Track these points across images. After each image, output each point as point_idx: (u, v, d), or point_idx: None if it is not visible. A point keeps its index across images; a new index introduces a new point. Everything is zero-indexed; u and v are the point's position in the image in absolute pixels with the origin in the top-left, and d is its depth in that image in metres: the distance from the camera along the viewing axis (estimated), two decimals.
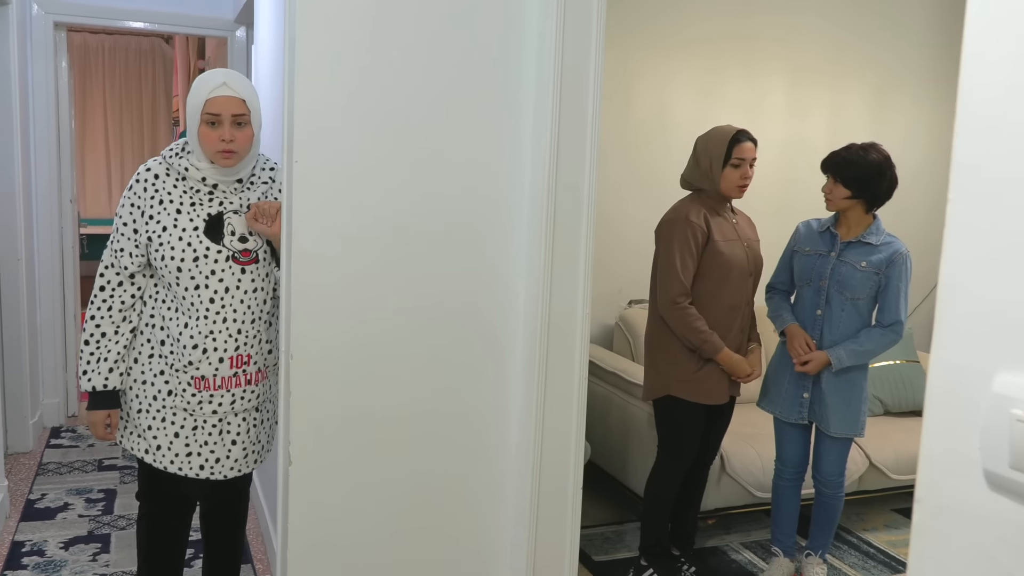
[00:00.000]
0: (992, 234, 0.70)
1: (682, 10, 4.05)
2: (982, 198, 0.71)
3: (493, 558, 2.27)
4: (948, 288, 0.73)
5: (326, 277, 2.00)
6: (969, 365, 0.72)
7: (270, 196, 2.25)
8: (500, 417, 2.22)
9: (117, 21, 4.49)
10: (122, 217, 2.16)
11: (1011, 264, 0.69)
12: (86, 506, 3.49)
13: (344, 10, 1.92)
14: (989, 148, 0.71)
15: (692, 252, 2.73)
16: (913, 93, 4.61)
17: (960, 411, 0.73)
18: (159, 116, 8.11)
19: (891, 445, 3.56)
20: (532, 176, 2.14)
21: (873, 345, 2.79)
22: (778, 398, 2.95)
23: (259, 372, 2.24)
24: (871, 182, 2.75)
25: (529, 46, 2.10)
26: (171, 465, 2.19)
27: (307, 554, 2.08)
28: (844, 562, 3.30)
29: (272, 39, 2.87)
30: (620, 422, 3.51)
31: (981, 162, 0.71)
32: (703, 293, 2.76)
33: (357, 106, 1.97)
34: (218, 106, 2.07)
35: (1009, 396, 0.68)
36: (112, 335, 2.16)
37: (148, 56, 8.00)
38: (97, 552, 3.08)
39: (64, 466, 3.93)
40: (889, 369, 3.87)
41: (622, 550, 3.30)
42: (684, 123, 4.10)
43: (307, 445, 2.05)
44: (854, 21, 4.39)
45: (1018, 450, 0.67)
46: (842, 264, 2.80)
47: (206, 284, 2.12)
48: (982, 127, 0.72)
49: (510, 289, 2.17)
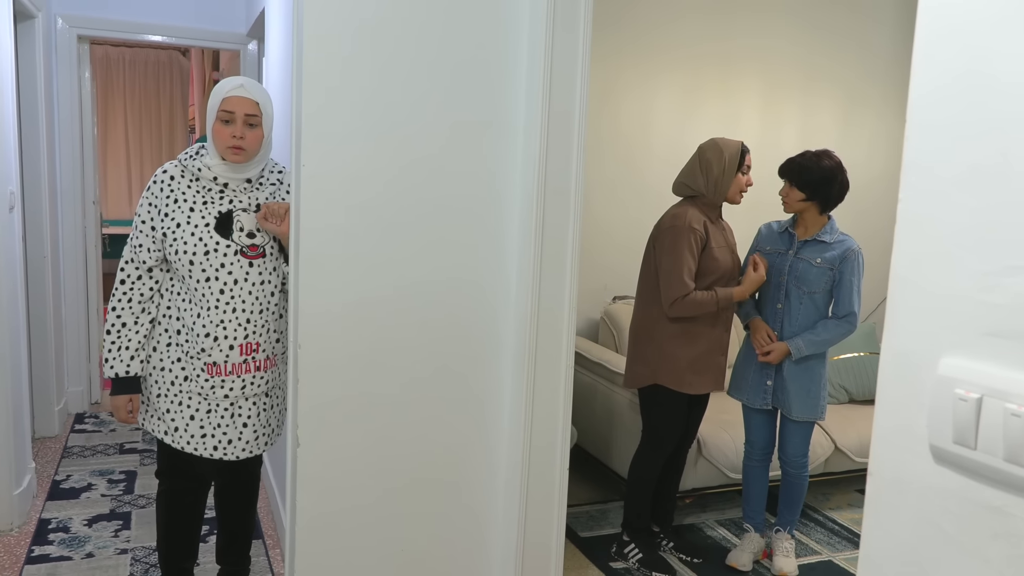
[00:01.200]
0: (937, 229, 0.71)
1: (666, 32, 4.07)
2: (929, 195, 0.72)
3: (487, 534, 2.28)
4: (898, 280, 0.75)
5: (331, 273, 2.01)
6: (917, 350, 0.73)
7: (278, 196, 2.25)
8: (493, 403, 2.23)
9: (137, 35, 4.48)
10: (140, 215, 2.16)
11: (954, 257, 0.70)
12: (108, 486, 3.48)
13: (348, 27, 1.93)
14: (935, 147, 0.72)
15: (694, 256, 2.75)
16: (876, 108, 4.64)
17: (909, 392, 0.74)
18: (176, 123, 8.09)
19: (855, 430, 3.58)
20: (523, 181, 2.15)
21: (829, 335, 2.83)
22: (744, 386, 2.99)
23: (268, 359, 2.25)
24: (823, 186, 2.79)
25: (520, 63, 2.11)
26: (187, 445, 2.20)
27: (313, 529, 2.09)
28: (811, 538, 3.32)
29: (281, 52, 2.88)
30: (604, 408, 3.52)
31: (928, 160, 0.73)
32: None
33: (361, 114, 1.97)
34: (233, 104, 2.09)
35: (953, 377, 0.69)
36: (132, 325, 2.17)
37: (166, 67, 7.98)
38: (119, 529, 3.08)
39: (88, 449, 3.92)
40: (854, 360, 3.89)
41: (606, 527, 3.32)
42: (666, 133, 4.13)
43: (313, 428, 2.06)
44: (822, 43, 4.41)
45: (960, 426, 0.68)
46: (799, 261, 2.85)
47: (216, 276, 2.12)
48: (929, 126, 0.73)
49: (502, 287, 2.18)
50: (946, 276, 0.70)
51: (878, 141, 4.68)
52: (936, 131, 0.73)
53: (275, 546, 3.00)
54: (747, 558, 3.05)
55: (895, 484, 0.75)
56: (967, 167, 0.69)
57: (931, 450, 0.72)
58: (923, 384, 0.72)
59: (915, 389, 0.73)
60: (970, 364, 0.68)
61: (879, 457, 0.77)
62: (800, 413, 2.88)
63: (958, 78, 0.71)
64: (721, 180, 2.79)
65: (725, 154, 2.79)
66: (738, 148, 2.82)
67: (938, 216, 0.71)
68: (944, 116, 0.72)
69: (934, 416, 0.71)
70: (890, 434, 0.75)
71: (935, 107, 0.73)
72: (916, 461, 0.73)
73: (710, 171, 2.79)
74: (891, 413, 0.75)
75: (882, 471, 0.76)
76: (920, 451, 0.73)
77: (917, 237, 0.73)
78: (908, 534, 0.74)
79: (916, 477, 0.73)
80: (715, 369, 2.87)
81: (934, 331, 0.71)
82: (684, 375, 2.81)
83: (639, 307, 2.94)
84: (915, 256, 0.73)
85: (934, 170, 0.73)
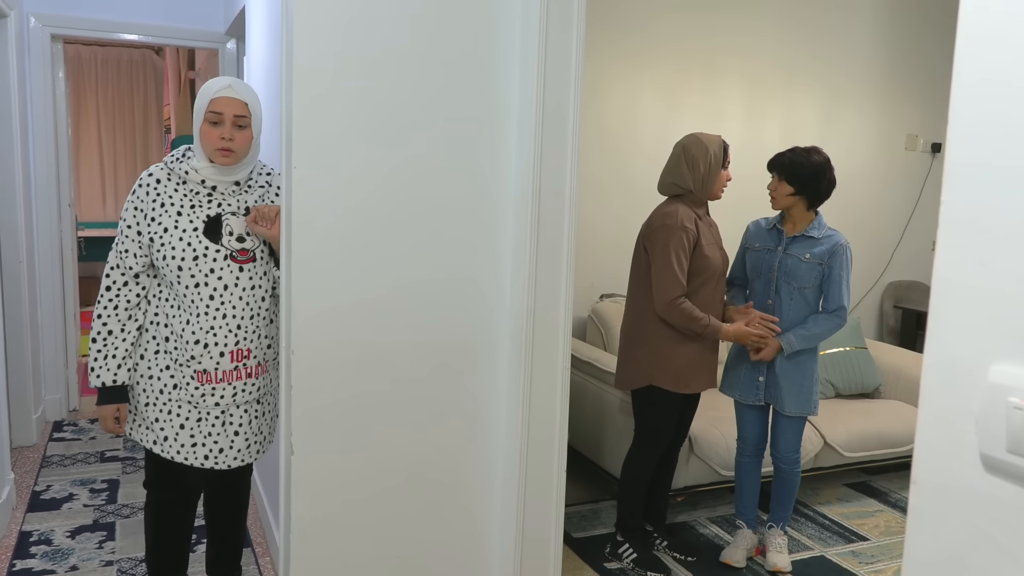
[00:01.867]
0: (986, 232, 0.69)
1: (651, 29, 4.06)
2: (976, 197, 0.70)
3: (484, 535, 2.25)
4: (943, 283, 0.73)
5: (323, 276, 1.97)
6: (964, 356, 0.71)
7: (266, 199, 2.20)
8: (490, 403, 2.20)
9: (112, 34, 4.38)
10: (126, 220, 2.10)
11: (1005, 261, 0.68)
12: (90, 496, 3.40)
13: (339, 24, 1.89)
14: (981, 149, 0.70)
15: (687, 256, 2.74)
16: (857, 104, 4.66)
17: (956, 399, 0.72)
18: (150, 123, 7.95)
19: (843, 425, 3.59)
20: (517, 179, 2.12)
21: (820, 329, 2.84)
22: (737, 382, 2.99)
23: (259, 366, 2.20)
24: (812, 180, 2.80)
25: (513, 60, 2.08)
26: (177, 455, 2.15)
27: (308, 536, 2.05)
28: (802, 533, 3.32)
29: (265, 50, 2.82)
30: (595, 407, 3.50)
31: (975, 162, 0.71)
32: (689, 293, 2.77)
33: (352, 113, 1.93)
34: (221, 105, 2.03)
35: (1005, 385, 0.67)
36: (119, 333, 2.11)
37: (139, 67, 7.84)
38: (103, 540, 3.01)
39: (67, 458, 3.83)
40: (840, 355, 3.91)
41: (599, 527, 3.30)
42: (651, 130, 4.12)
43: (307, 434, 2.02)
44: (804, 40, 4.43)
45: (1015, 435, 0.66)
46: (788, 257, 2.85)
47: (206, 282, 2.07)
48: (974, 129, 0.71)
49: (497, 286, 2.16)
50: (995, 280, 0.68)
51: (859, 137, 4.71)
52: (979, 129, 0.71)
53: (265, 554, 2.94)
54: (741, 555, 3.05)
55: (941, 492, 0.73)
56: (1015, 168, 0.67)
57: (981, 459, 0.70)
58: (972, 391, 0.70)
59: (963, 396, 0.71)
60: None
61: (924, 464, 0.75)
62: (793, 409, 2.89)
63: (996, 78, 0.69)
64: (708, 176, 2.79)
65: (710, 150, 2.79)
66: (720, 143, 2.82)
67: (986, 217, 0.69)
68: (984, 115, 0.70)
69: (985, 424, 0.69)
70: (935, 442, 0.73)
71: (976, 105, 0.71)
72: (964, 469, 0.71)
73: (697, 168, 2.78)
74: (937, 420, 0.73)
75: (927, 478, 0.74)
76: (969, 459, 0.71)
77: (962, 239, 0.71)
78: (955, 542, 0.72)
79: (964, 485, 0.71)
80: (708, 368, 2.87)
81: (983, 337, 0.69)
82: (679, 376, 2.80)
83: (631, 307, 2.92)
84: (960, 259, 0.71)
85: (978, 171, 0.70)
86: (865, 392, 3.97)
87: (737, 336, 2.82)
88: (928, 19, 4.77)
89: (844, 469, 3.70)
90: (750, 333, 2.82)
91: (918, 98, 4.82)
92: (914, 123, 4.85)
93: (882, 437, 3.65)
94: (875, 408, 3.79)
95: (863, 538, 3.30)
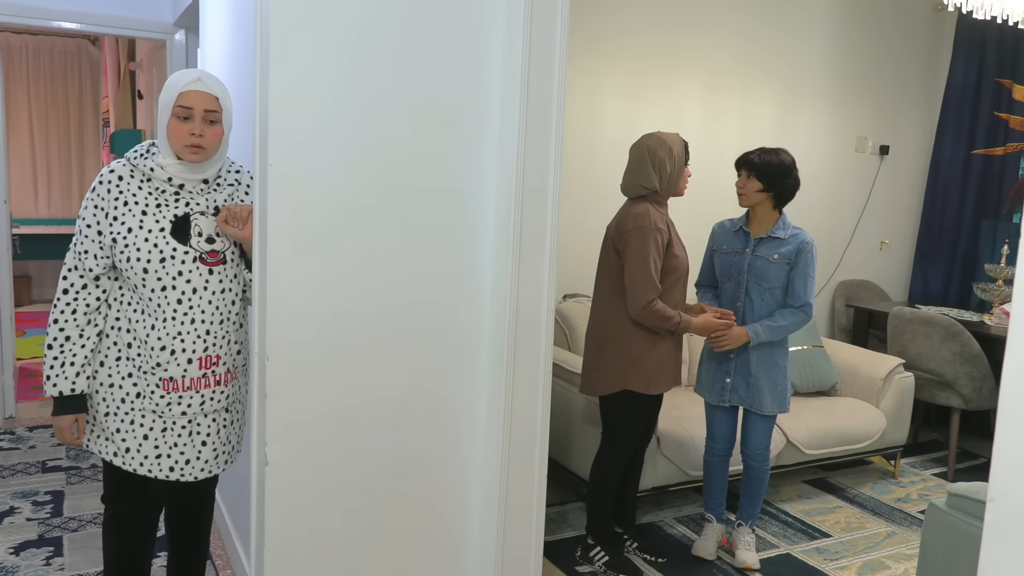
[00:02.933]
0: None
1: (609, 22, 4.04)
2: None
3: (463, 547, 2.20)
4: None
5: (300, 278, 1.88)
6: None
7: (236, 198, 2.10)
8: (469, 410, 2.15)
9: (47, 21, 4.16)
10: (85, 219, 1.97)
11: None
12: (33, 509, 3.22)
13: (318, 17, 1.80)
14: None
15: (661, 257, 2.73)
16: (811, 104, 4.74)
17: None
18: (86, 117, 7.62)
19: (804, 423, 3.64)
20: (498, 180, 2.07)
21: (787, 322, 2.87)
22: (707, 383, 3.02)
23: (228, 373, 2.09)
24: (781, 177, 2.85)
25: (495, 56, 2.02)
26: (140, 468, 2.02)
27: (282, 551, 1.96)
28: (767, 531, 3.35)
29: (229, 44, 2.69)
30: (561, 409, 3.46)
31: None
32: (661, 294, 2.75)
33: (331, 112, 1.85)
34: (191, 100, 1.91)
35: None
36: (77, 339, 1.98)
37: (74, 57, 7.50)
38: (50, 556, 2.84)
39: (6, 469, 3.62)
40: (798, 354, 3.96)
41: (567, 530, 3.26)
42: (612, 129, 4.10)
43: (283, 444, 1.93)
44: (762, 39, 4.47)
45: None
46: (756, 259, 2.88)
47: (173, 285, 1.96)
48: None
49: (477, 288, 2.10)
50: None
51: (816, 135, 4.78)
52: None
53: (226, 567, 2.82)
54: (712, 547, 3.08)
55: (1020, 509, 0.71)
56: None
57: None
58: None
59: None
60: None
61: (1002, 483, 0.72)
62: (773, 408, 2.91)
63: None
64: (674, 176, 2.78)
65: (674, 150, 2.79)
66: (681, 141, 2.83)
67: None
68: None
69: None
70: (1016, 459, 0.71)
71: None
72: None
73: (664, 168, 2.77)
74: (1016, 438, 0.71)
75: (1006, 497, 0.72)
76: None
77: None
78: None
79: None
80: (674, 366, 2.87)
81: None
82: (650, 377, 2.79)
83: (600, 311, 2.88)
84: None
85: None
86: (822, 390, 4.03)
87: (706, 327, 2.83)
88: (881, 25, 4.88)
89: (803, 466, 3.75)
90: (717, 323, 2.83)
91: (868, 101, 4.93)
92: (864, 125, 4.96)
93: (841, 434, 3.71)
94: (833, 406, 3.85)
95: (826, 534, 3.35)
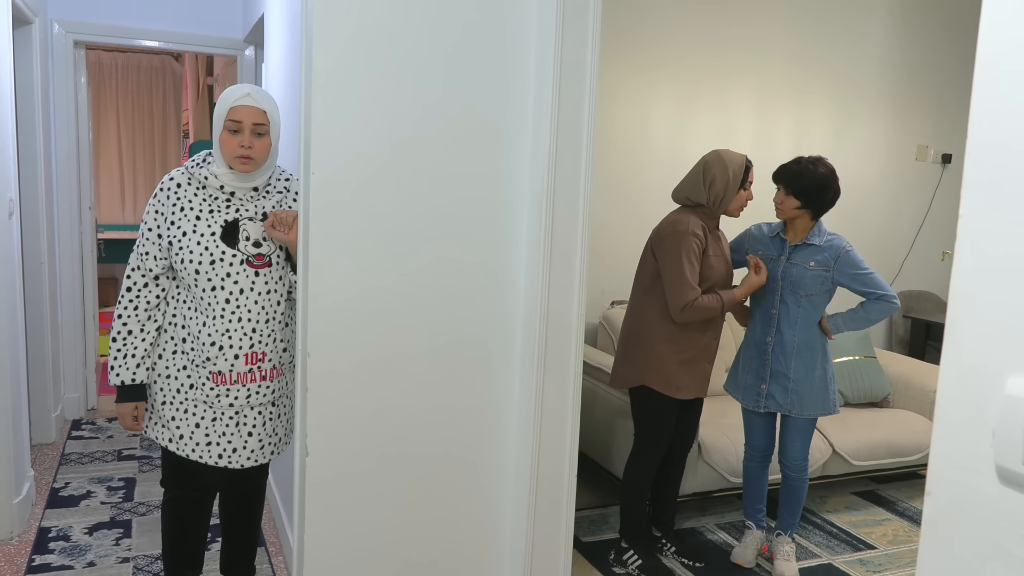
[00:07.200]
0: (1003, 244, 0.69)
1: (665, 43, 4.05)
2: (992, 211, 0.70)
3: (496, 540, 2.25)
4: (960, 295, 0.72)
5: (340, 281, 1.97)
6: (981, 368, 0.70)
7: (284, 204, 2.21)
8: (503, 408, 2.20)
9: (133, 40, 4.41)
10: (147, 223, 2.12)
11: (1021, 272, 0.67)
12: (108, 493, 3.42)
13: (358, 33, 1.89)
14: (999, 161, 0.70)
15: (697, 261, 2.72)
16: (867, 114, 4.64)
17: (972, 410, 0.71)
18: (169, 129, 8.00)
19: (852, 434, 3.57)
20: (532, 186, 2.12)
21: (873, 313, 2.82)
22: (741, 385, 2.98)
23: (274, 369, 2.20)
24: (818, 193, 2.78)
25: (528, 64, 2.08)
26: (192, 453, 2.16)
27: (323, 537, 2.05)
28: (810, 541, 3.30)
29: (284, 58, 2.83)
30: (604, 412, 3.49)
31: (992, 175, 0.70)
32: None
33: (370, 120, 1.94)
34: (240, 114, 2.04)
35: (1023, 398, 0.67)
36: (138, 333, 2.12)
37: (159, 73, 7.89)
38: (120, 537, 3.02)
39: (86, 456, 3.85)
40: (849, 364, 3.89)
41: (607, 531, 3.29)
42: (664, 139, 4.11)
43: (322, 436, 2.02)
44: (815, 50, 4.41)
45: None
46: (792, 266, 2.84)
47: (222, 286, 2.08)
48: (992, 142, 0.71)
49: (511, 294, 2.16)
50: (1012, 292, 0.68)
51: (874, 140, 4.68)
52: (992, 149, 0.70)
53: (278, 553, 2.95)
54: (751, 555, 3.04)
55: (956, 504, 0.73)
56: None
57: (997, 471, 0.69)
58: (988, 403, 0.70)
59: (979, 408, 0.70)
60: None
61: (939, 476, 0.74)
62: (812, 410, 2.85)
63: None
64: (724, 195, 2.76)
65: (729, 170, 2.75)
66: (742, 163, 2.77)
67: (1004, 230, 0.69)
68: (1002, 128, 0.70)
69: (1002, 436, 0.68)
70: (950, 453, 0.73)
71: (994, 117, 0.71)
72: (980, 482, 0.71)
73: (713, 185, 2.75)
74: (952, 432, 0.73)
75: (942, 491, 0.74)
76: (984, 472, 0.70)
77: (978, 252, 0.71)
78: (970, 555, 0.72)
79: (980, 498, 0.71)
80: (700, 376, 2.85)
81: (1000, 349, 0.69)
82: (672, 379, 2.78)
83: (631, 309, 2.91)
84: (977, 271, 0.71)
85: (996, 184, 0.70)
86: (874, 401, 3.94)
87: (749, 288, 2.82)
88: (942, 29, 4.75)
89: (852, 477, 3.68)
90: (760, 281, 2.82)
91: (929, 109, 4.80)
92: (925, 134, 4.83)
93: (891, 446, 3.63)
94: (884, 417, 3.76)
95: (871, 546, 3.28)
